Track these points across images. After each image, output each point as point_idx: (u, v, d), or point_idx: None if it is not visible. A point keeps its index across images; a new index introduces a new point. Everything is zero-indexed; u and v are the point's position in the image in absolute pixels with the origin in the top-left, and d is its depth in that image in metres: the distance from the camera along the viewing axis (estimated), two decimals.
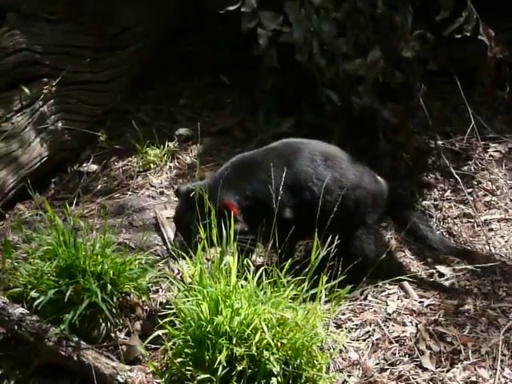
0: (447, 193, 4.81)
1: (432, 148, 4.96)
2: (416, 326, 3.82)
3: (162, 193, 4.89)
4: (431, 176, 4.91)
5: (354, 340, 3.75)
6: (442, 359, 3.64)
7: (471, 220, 4.60)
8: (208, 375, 3.25)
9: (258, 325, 3.28)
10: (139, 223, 4.51)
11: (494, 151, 5.15)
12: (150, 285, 4.01)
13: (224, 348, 3.25)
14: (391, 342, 3.74)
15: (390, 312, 3.92)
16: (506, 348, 3.68)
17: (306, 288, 3.43)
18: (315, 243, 3.44)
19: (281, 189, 3.67)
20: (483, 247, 4.38)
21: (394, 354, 3.69)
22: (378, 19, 4.68)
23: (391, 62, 4.67)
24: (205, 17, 5.78)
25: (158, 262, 4.13)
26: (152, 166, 5.16)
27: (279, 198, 3.64)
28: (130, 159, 5.26)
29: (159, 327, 3.52)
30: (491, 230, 4.53)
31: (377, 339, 3.77)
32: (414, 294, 4.06)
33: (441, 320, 3.84)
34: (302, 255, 4.19)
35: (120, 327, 3.89)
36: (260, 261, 4.09)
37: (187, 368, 3.34)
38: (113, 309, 3.81)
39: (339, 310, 3.82)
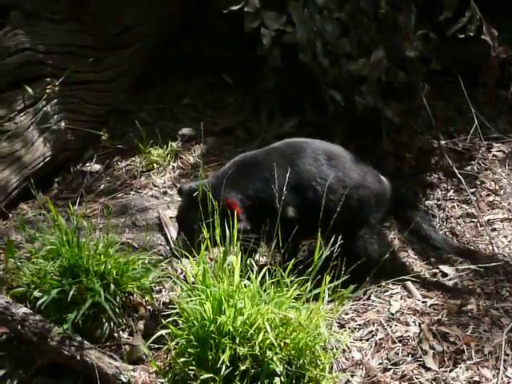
0: (450, 193, 4.81)
1: (435, 148, 4.96)
2: (419, 326, 3.81)
3: (165, 193, 4.89)
4: (434, 176, 4.91)
5: (357, 340, 3.74)
6: (445, 359, 3.64)
7: (474, 220, 4.60)
8: (211, 375, 3.25)
9: (261, 324, 3.28)
10: (142, 223, 4.51)
11: (498, 151, 5.15)
12: (153, 284, 4.00)
13: (227, 348, 3.25)
14: (394, 342, 3.74)
15: (393, 312, 3.92)
16: (509, 348, 3.67)
17: (309, 288, 3.42)
18: (318, 243, 3.44)
19: (284, 188, 3.67)
20: (486, 247, 4.38)
21: (397, 354, 3.69)
22: (381, 19, 4.69)
23: (394, 62, 4.67)
24: (207, 16, 5.77)
25: (161, 262, 4.12)
26: (155, 166, 5.15)
27: (282, 198, 3.64)
28: (133, 159, 5.25)
29: (162, 327, 3.52)
30: (494, 230, 4.53)
31: (380, 339, 3.77)
32: (417, 294, 4.06)
33: (444, 320, 3.84)
34: (306, 255, 4.19)
35: (123, 327, 3.88)
36: (263, 260, 4.10)
37: (190, 368, 3.34)
38: (116, 308, 3.81)
39: (342, 310, 3.82)
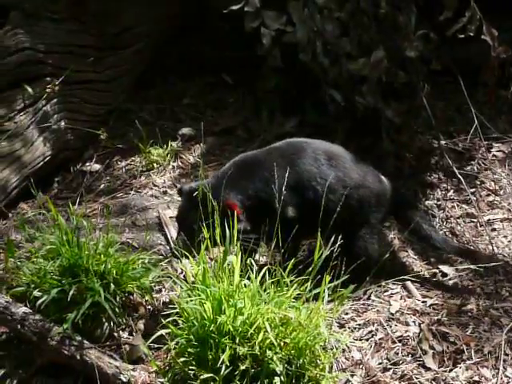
0: (450, 193, 4.81)
1: (435, 148, 4.97)
2: (419, 326, 3.82)
3: (165, 192, 4.89)
4: (434, 176, 4.91)
5: (357, 339, 3.75)
6: (445, 359, 3.64)
7: (474, 220, 4.60)
8: (211, 375, 3.25)
9: (261, 324, 3.28)
10: (142, 223, 4.51)
11: (497, 151, 5.16)
12: (153, 284, 4.00)
13: (227, 347, 3.25)
14: (394, 342, 3.74)
15: (393, 312, 3.92)
16: (509, 348, 3.68)
17: (309, 288, 3.43)
18: (318, 243, 3.44)
19: (284, 188, 3.66)
20: (486, 247, 4.38)
21: (397, 354, 3.69)
22: (382, 19, 4.69)
23: (395, 62, 4.68)
24: (208, 16, 5.77)
25: (161, 262, 4.13)
26: (155, 166, 5.15)
27: (282, 198, 3.64)
28: (133, 159, 5.26)
29: (162, 326, 3.52)
30: (494, 230, 4.53)
31: (380, 339, 3.77)
32: (417, 294, 4.06)
33: (444, 320, 3.85)
34: (305, 255, 4.19)
35: (123, 326, 3.88)
36: (263, 260, 4.10)
37: (190, 367, 3.34)
38: (116, 308, 3.81)
39: (342, 310, 3.82)
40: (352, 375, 3.58)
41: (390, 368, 3.62)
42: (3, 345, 3.84)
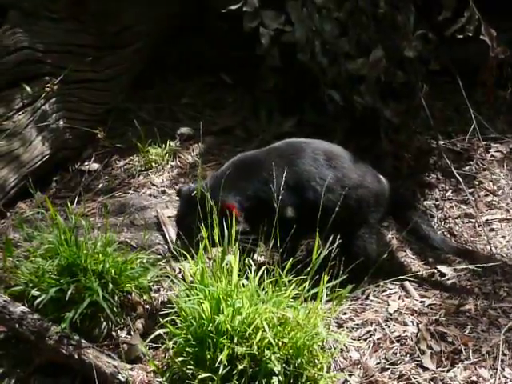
0: (448, 193, 4.81)
1: (433, 148, 4.97)
2: (417, 326, 3.82)
3: (164, 192, 4.89)
4: (433, 176, 4.92)
5: (355, 339, 3.75)
6: (443, 359, 3.64)
7: (472, 220, 4.60)
8: (209, 374, 3.25)
9: (260, 324, 3.28)
10: (141, 222, 4.51)
11: (496, 151, 5.16)
12: (152, 284, 4.01)
13: (225, 347, 3.25)
14: (392, 342, 3.74)
15: (391, 312, 3.92)
16: (507, 348, 3.68)
17: (308, 287, 3.42)
18: (316, 242, 3.44)
19: (283, 188, 3.66)
20: (484, 247, 4.38)
21: (395, 354, 3.69)
22: (380, 19, 4.69)
23: (393, 62, 4.68)
24: (206, 16, 5.77)
25: (160, 261, 4.13)
26: (153, 165, 5.15)
27: (281, 198, 3.63)
28: (132, 158, 5.25)
29: (160, 326, 3.52)
30: (492, 230, 4.53)
31: (378, 339, 3.77)
32: (415, 294, 4.06)
33: (442, 320, 3.85)
34: (304, 254, 4.19)
35: (121, 326, 3.88)
36: (261, 260, 4.10)
37: (188, 367, 3.34)
38: (114, 307, 3.81)
39: (340, 310, 3.82)
40: (350, 375, 3.58)
41: (388, 368, 3.62)
42: (1, 344, 3.84)
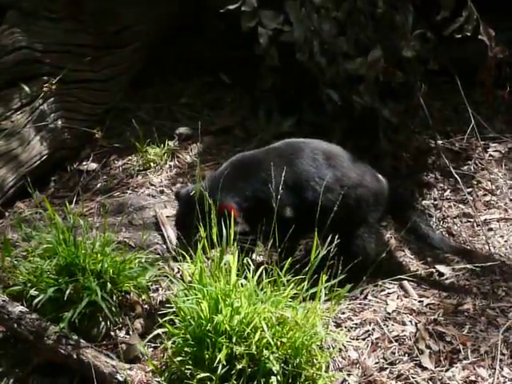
0: (447, 192, 4.81)
1: (432, 148, 4.97)
2: (415, 326, 3.82)
3: (162, 192, 4.89)
4: (431, 175, 4.91)
5: (354, 339, 3.75)
6: (442, 358, 3.64)
7: (471, 220, 4.60)
8: (208, 374, 3.25)
9: (258, 324, 3.28)
10: (139, 222, 4.51)
11: (494, 151, 5.15)
12: (150, 283, 4.01)
13: (224, 347, 3.25)
14: (391, 341, 3.75)
15: (390, 311, 3.93)
16: (505, 347, 3.68)
17: (306, 287, 3.43)
18: (315, 242, 3.44)
19: (282, 188, 3.66)
20: (483, 247, 4.38)
21: (394, 353, 3.69)
22: (379, 18, 4.68)
23: (392, 62, 4.67)
24: (205, 16, 5.77)
25: (158, 261, 4.13)
26: (152, 165, 5.15)
27: (280, 198, 3.63)
28: (130, 158, 5.25)
29: (159, 326, 3.52)
30: (491, 230, 4.53)
31: (376, 338, 3.77)
32: (414, 294, 4.06)
33: (440, 319, 3.85)
34: (302, 254, 4.18)
35: (120, 326, 3.89)
36: (260, 259, 4.09)
37: (187, 367, 3.34)
38: (112, 307, 3.81)
39: (339, 309, 3.83)
40: (348, 375, 3.58)
41: (387, 367, 3.62)
42: (0, 344, 3.84)
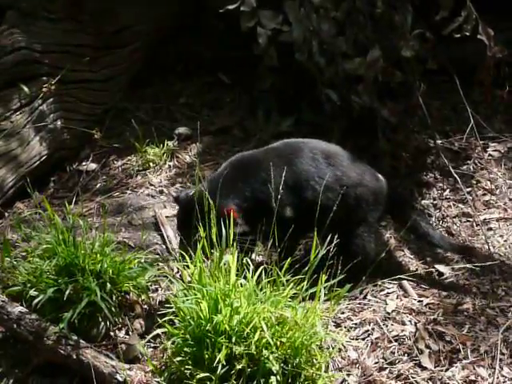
0: (446, 192, 4.81)
1: (431, 147, 4.97)
2: (415, 325, 3.82)
3: (162, 192, 4.89)
4: (430, 175, 4.91)
5: (353, 339, 3.75)
6: (441, 358, 3.64)
7: (470, 219, 4.60)
8: (207, 374, 3.25)
9: (258, 324, 3.28)
10: (138, 222, 4.51)
11: (493, 150, 5.16)
12: (150, 283, 4.01)
13: (223, 347, 3.25)
14: (390, 341, 3.75)
15: (390, 311, 3.93)
16: (505, 347, 3.68)
17: (306, 287, 3.43)
18: (315, 242, 3.45)
19: (282, 188, 3.66)
20: (482, 246, 4.38)
21: (393, 353, 3.69)
22: (378, 18, 4.69)
23: (391, 62, 4.68)
24: (204, 16, 5.77)
25: (158, 261, 4.13)
26: (151, 165, 5.15)
27: (280, 198, 3.63)
28: (130, 158, 5.25)
29: (158, 326, 3.52)
30: (490, 230, 4.53)
31: (376, 338, 3.77)
32: (413, 293, 4.06)
33: (440, 319, 3.85)
34: (302, 254, 4.18)
35: (119, 326, 3.88)
36: (259, 259, 4.10)
37: (186, 367, 3.34)
38: (112, 307, 3.81)
39: (338, 309, 3.83)
40: (348, 374, 3.58)
41: (386, 367, 3.62)
42: None
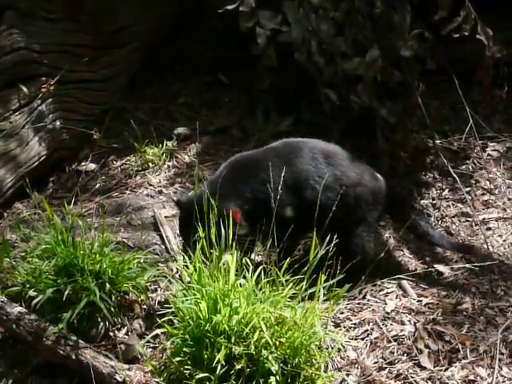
0: (445, 192, 4.81)
1: (430, 147, 4.97)
2: (414, 325, 3.82)
3: (161, 192, 4.88)
4: (429, 175, 4.92)
5: (353, 339, 3.75)
6: (441, 358, 3.64)
7: (469, 219, 4.61)
8: (206, 374, 3.25)
9: (257, 324, 3.28)
10: (138, 222, 4.51)
11: (492, 150, 5.16)
12: (149, 284, 4.00)
13: (222, 347, 3.25)
14: (389, 341, 3.75)
15: (389, 311, 3.93)
16: (504, 347, 3.68)
17: (305, 287, 3.43)
18: (314, 242, 3.45)
19: (282, 188, 3.66)
20: (481, 246, 4.38)
21: (393, 353, 3.69)
22: (377, 18, 4.69)
23: (389, 61, 4.68)
24: (203, 16, 5.77)
25: (157, 261, 4.13)
26: (150, 165, 5.15)
27: (280, 198, 3.63)
28: (129, 158, 5.25)
29: (158, 326, 3.52)
30: (489, 229, 4.53)
31: (375, 338, 3.77)
32: (413, 293, 4.06)
33: (439, 319, 3.85)
34: (301, 254, 4.18)
35: (118, 326, 3.88)
36: (259, 259, 4.10)
37: (186, 367, 3.34)
38: (111, 308, 3.81)
39: (338, 309, 3.83)
40: (347, 374, 3.58)
41: (386, 367, 3.62)
42: None
